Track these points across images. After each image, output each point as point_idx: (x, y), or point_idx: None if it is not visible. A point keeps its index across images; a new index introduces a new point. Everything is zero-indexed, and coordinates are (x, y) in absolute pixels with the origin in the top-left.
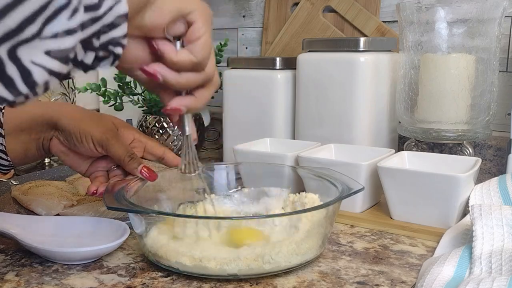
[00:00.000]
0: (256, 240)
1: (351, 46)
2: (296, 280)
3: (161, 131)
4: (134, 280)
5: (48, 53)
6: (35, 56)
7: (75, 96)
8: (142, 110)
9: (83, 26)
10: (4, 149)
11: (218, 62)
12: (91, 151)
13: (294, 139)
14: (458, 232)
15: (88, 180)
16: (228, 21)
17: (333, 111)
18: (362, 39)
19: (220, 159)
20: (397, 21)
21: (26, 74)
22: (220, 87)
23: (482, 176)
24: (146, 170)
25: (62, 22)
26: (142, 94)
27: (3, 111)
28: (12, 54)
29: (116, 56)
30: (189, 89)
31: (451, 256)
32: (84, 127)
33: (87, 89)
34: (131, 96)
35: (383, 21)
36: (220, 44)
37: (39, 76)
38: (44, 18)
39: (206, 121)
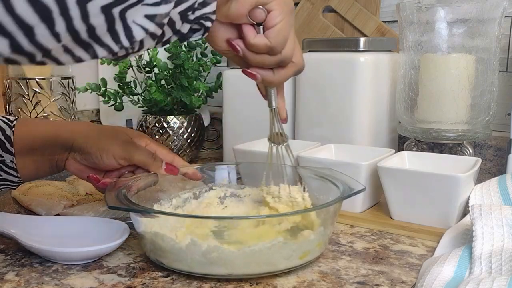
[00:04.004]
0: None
1: (351, 46)
2: (296, 280)
3: (161, 131)
4: (134, 280)
5: (146, 16)
6: (136, 18)
7: (75, 96)
8: (142, 110)
9: (179, 0)
10: (15, 167)
11: (218, 62)
12: (112, 165)
13: (294, 139)
14: (458, 232)
15: None
16: None
17: (333, 111)
18: (362, 39)
19: (220, 159)
20: (397, 21)
21: (128, 30)
22: (220, 87)
23: (482, 176)
24: (169, 166)
25: None
26: (142, 94)
27: (13, 129)
28: (122, 15)
29: (206, 29)
30: (265, 67)
31: (451, 256)
32: (102, 145)
33: (87, 89)
34: (131, 96)
35: (383, 21)
36: None
37: (138, 33)
38: None
39: (206, 121)
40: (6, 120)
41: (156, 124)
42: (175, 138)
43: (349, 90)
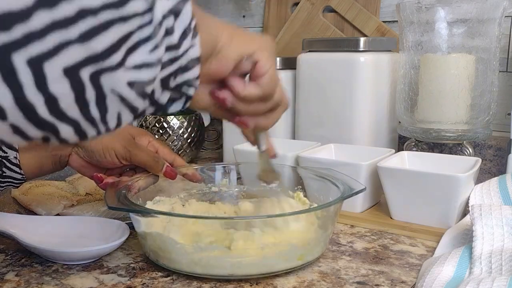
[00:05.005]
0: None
1: (351, 46)
2: (296, 280)
3: (161, 131)
4: (134, 280)
5: (128, 83)
6: (117, 85)
7: None
8: None
9: (162, 64)
10: (18, 163)
11: None
12: (114, 164)
13: (294, 139)
14: (458, 232)
15: (88, 180)
16: (228, 21)
17: (333, 111)
18: (362, 39)
19: (220, 159)
20: (397, 21)
21: (103, 103)
22: None
23: (482, 176)
24: (168, 170)
25: (143, 54)
26: None
27: None
28: (95, 79)
29: (188, 97)
30: (257, 115)
31: (451, 256)
32: (106, 143)
33: None
34: None
35: (383, 21)
36: None
37: (113, 103)
38: (127, 47)
39: (206, 121)
40: None
41: (156, 124)
42: (175, 138)
43: (349, 90)
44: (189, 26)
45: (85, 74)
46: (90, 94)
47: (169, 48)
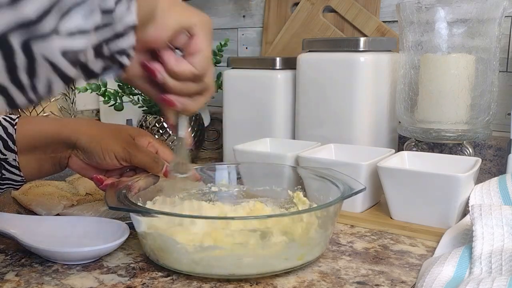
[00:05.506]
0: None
1: (351, 46)
2: (296, 280)
3: (161, 131)
4: (134, 280)
5: (61, 51)
6: (48, 53)
7: (75, 96)
8: (142, 110)
9: (97, 29)
10: (17, 165)
11: (218, 62)
12: (114, 165)
13: (294, 139)
14: (458, 232)
15: (88, 180)
16: (228, 21)
17: (333, 111)
18: (362, 39)
19: (220, 159)
20: (397, 21)
21: (31, 65)
22: (220, 87)
23: (482, 176)
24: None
25: (78, 20)
26: (142, 94)
27: (15, 127)
28: (26, 47)
29: (122, 66)
30: (184, 95)
31: (451, 256)
32: (105, 145)
33: (87, 89)
34: (131, 96)
35: (383, 21)
36: (220, 44)
37: (44, 71)
38: (60, 12)
39: (206, 121)
40: (8, 118)
41: (156, 124)
42: (175, 138)
43: (349, 90)
44: None
45: (15, 40)
46: (20, 60)
47: (104, 12)
